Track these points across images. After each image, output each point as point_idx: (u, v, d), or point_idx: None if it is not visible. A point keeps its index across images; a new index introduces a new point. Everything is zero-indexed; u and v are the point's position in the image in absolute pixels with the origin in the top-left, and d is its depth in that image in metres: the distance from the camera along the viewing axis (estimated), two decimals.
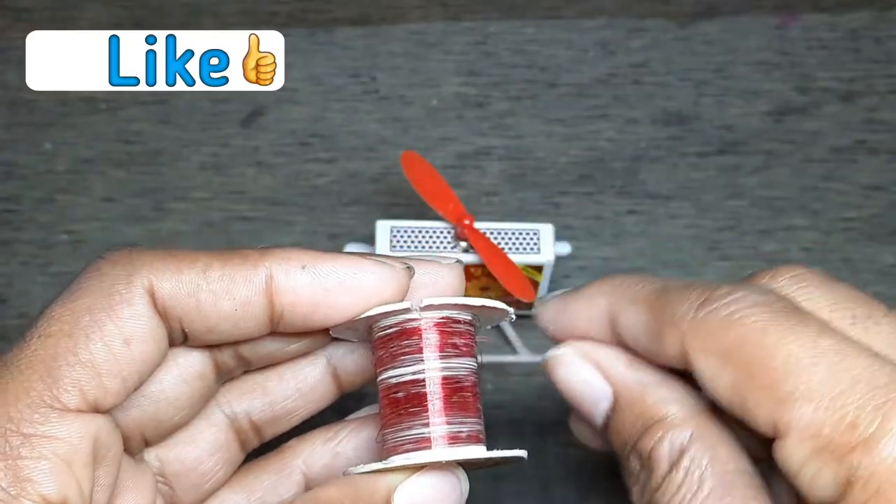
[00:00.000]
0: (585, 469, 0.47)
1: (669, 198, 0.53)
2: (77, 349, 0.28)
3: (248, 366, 0.34)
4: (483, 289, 0.47)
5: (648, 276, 0.33)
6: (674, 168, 0.53)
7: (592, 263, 0.51)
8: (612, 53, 0.56)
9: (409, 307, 0.31)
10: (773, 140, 0.54)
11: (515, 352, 0.49)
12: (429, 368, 0.30)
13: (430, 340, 0.31)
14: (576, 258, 0.51)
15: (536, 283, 0.46)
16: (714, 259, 0.51)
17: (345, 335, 0.33)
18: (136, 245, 0.49)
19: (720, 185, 0.53)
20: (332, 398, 0.36)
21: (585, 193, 0.53)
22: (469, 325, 0.32)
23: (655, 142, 0.54)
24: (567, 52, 0.56)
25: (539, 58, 0.56)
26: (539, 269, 0.45)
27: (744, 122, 0.55)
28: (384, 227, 0.45)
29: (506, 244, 0.45)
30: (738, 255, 0.51)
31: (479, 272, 0.45)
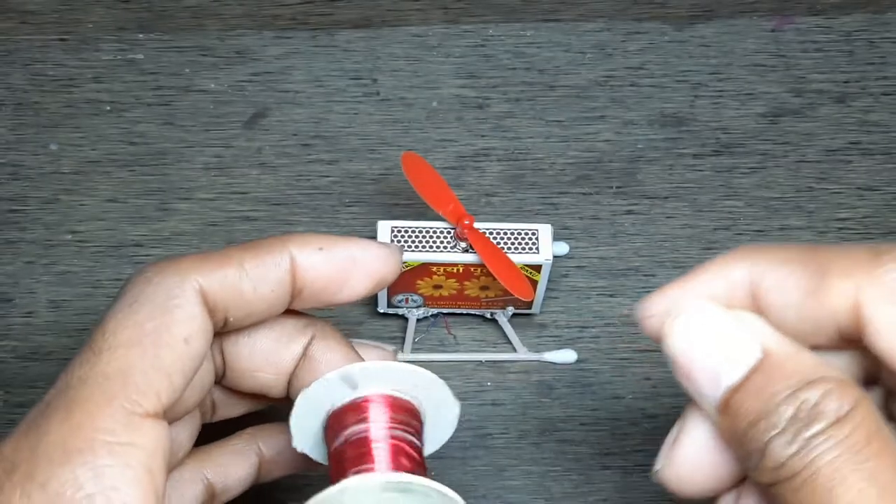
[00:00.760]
0: (582, 465, 0.47)
1: (666, 198, 0.53)
2: (147, 356, 0.30)
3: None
4: (483, 288, 0.47)
5: (786, 244, 0.33)
6: (670, 169, 0.54)
7: (590, 263, 0.52)
8: (610, 56, 0.57)
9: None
10: (769, 141, 0.55)
11: (514, 350, 0.49)
12: (374, 429, 0.33)
13: (378, 411, 0.34)
14: (573, 258, 0.52)
15: (535, 283, 0.46)
16: (710, 258, 0.52)
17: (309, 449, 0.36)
18: (141, 244, 0.51)
19: (716, 186, 0.54)
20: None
21: (583, 194, 0.53)
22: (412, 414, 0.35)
23: (652, 143, 0.55)
24: (565, 55, 0.57)
25: (538, 60, 0.57)
26: (538, 269, 0.46)
27: (739, 124, 0.55)
28: (385, 228, 0.45)
29: (505, 244, 0.45)
30: None
31: (479, 272, 0.46)
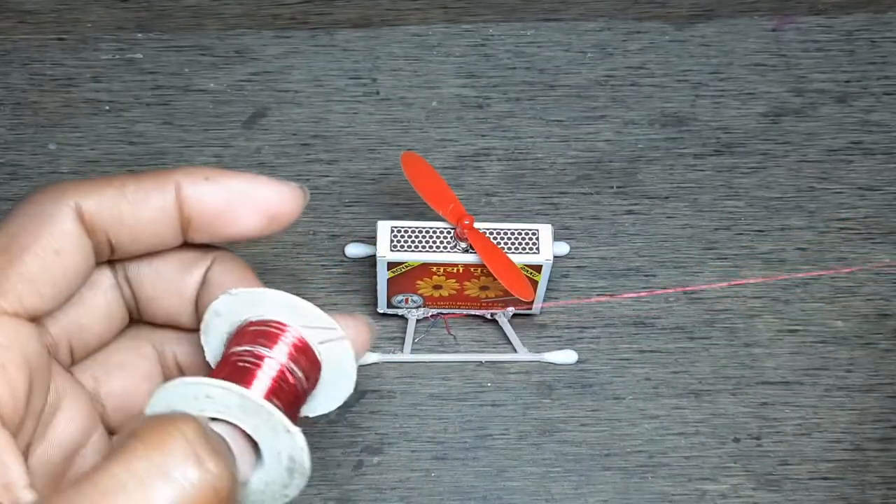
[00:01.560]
0: (582, 465, 0.47)
1: (667, 198, 0.53)
2: (13, 261, 0.31)
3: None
4: (483, 288, 0.47)
5: None
6: (671, 169, 0.54)
7: (590, 263, 0.52)
8: (611, 55, 0.57)
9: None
10: (769, 141, 0.55)
11: (514, 350, 0.49)
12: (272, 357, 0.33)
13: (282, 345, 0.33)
14: (574, 258, 0.52)
15: (535, 283, 0.46)
16: (710, 258, 0.52)
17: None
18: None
19: (717, 186, 0.53)
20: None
21: (584, 194, 0.53)
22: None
23: (653, 143, 0.54)
24: (566, 54, 0.57)
25: (538, 60, 0.57)
26: (538, 269, 0.46)
27: (740, 124, 0.55)
28: (385, 227, 0.45)
29: (505, 244, 0.45)
30: (735, 255, 0.52)
31: (479, 272, 0.46)
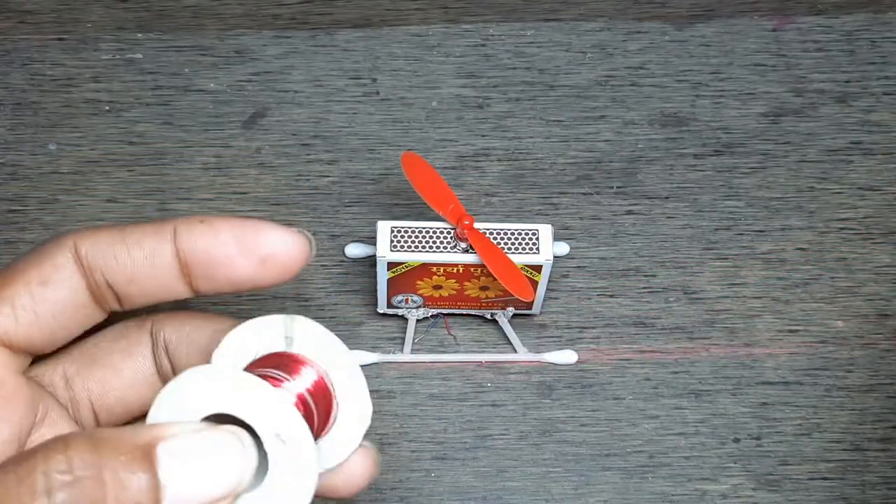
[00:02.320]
0: (582, 466, 0.47)
1: (667, 198, 0.53)
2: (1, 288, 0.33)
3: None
4: (483, 288, 0.47)
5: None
6: (671, 169, 0.54)
7: (590, 263, 0.52)
8: (610, 56, 0.57)
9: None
10: (769, 141, 0.55)
11: (514, 350, 0.49)
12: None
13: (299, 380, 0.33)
14: (574, 258, 0.52)
15: (535, 283, 0.46)
16: (710, 258, 0.52)
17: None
18: None
19: (717, 186, 0.53)
20: None
21: (584, 194, 0.53)
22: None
23: (653, 143, 0.54)
24: (566, 55, 0.57)
25: (538, 60, 0.57)
26: (538, 269, 0.46)
27: (740, 124, 0.55)
28: (385, 228, 0.45)
29: (505, 244, 0.45)
30: (735, 255, 0.52)
31: (479, 272, 0.46)
